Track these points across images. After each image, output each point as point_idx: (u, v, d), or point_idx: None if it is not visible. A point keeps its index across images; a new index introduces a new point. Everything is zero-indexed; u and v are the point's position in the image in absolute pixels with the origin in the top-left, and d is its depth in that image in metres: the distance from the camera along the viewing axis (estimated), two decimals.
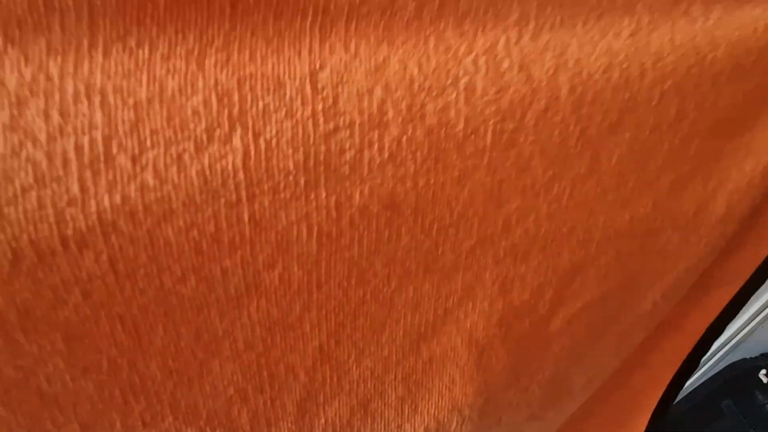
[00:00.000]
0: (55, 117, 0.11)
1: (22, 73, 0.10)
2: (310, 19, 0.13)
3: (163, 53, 0.12)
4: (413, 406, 0.19)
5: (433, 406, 0.19)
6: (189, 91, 0.12)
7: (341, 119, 0.13)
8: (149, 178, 0.11)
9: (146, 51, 0.11)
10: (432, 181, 0.14)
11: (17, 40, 0.10)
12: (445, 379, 0.19)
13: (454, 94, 0.14)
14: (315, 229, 0.14)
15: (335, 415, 0.17)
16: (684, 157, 0.19)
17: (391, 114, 0.13)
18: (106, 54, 0.11)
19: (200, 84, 0.12)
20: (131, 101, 0.11)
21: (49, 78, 0.11)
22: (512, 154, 0.15)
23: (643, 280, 0.22)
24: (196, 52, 0.12)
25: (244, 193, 0.12)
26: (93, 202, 0.11)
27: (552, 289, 0.19)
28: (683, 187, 0.20)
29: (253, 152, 0.12)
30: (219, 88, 0.12)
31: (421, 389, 0.19)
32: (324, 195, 0.13)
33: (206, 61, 0.12)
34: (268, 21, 0.12)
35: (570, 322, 0.21)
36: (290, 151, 0.12)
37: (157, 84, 0.11)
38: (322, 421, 0.17)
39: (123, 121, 0.11)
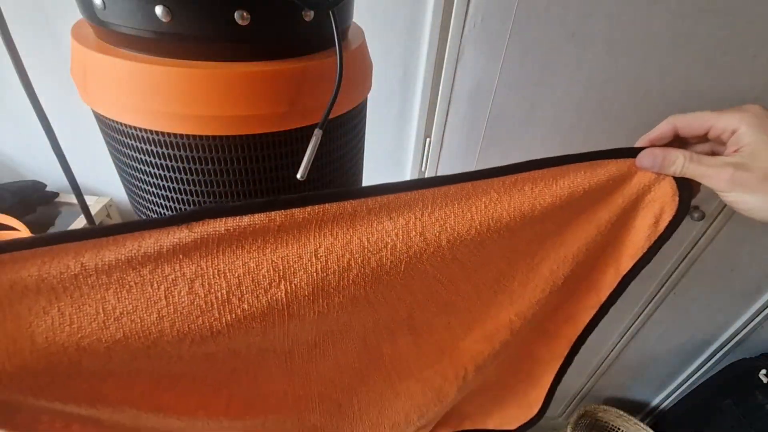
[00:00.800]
0: (206, 285, 0.25)
1: (189, 266, 0.24)
2: (314, 223, 0.26)
3: (246, 249, 0.25)
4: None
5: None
6: (260, 266, 0.26)
7: (329, 269, 0.27)
8: (245, 306, 0.26)
9: (238, 249, 0.25)
10: (374, 289, 0.29)
11: (186, 252, 0.24)
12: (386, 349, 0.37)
13: (385, 252, 0.28)
14: (317, 312, 0.28)
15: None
16: (514, 252, 0.34)
17: (353, 264, 0.27)
18: (223, 253, 0.25)
19: (264, 263, 0.26)
20: (236, 274, 0.25)
21: (200, 267, 0.24)
22: (415, 271, 0.30)
23: (495, 303, 0.38)
24: (261, 246, 0.26)
25: (285, 306, 0.27)
26: (223, 319, 0.25)
27: (437, 306, 0.36)
28: (515, 262, 0.35)
29: (289, 290, 0.26)
30: (272, 263, 0.26)
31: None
32: (321, 301, 0.28)
33: (266, 249, 0.26)
34: (294, 226, 0.26)
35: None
36: (305, 286, 0.27)
37: (245, 265, 0.25)
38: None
39: (234, 284, 0.25)
